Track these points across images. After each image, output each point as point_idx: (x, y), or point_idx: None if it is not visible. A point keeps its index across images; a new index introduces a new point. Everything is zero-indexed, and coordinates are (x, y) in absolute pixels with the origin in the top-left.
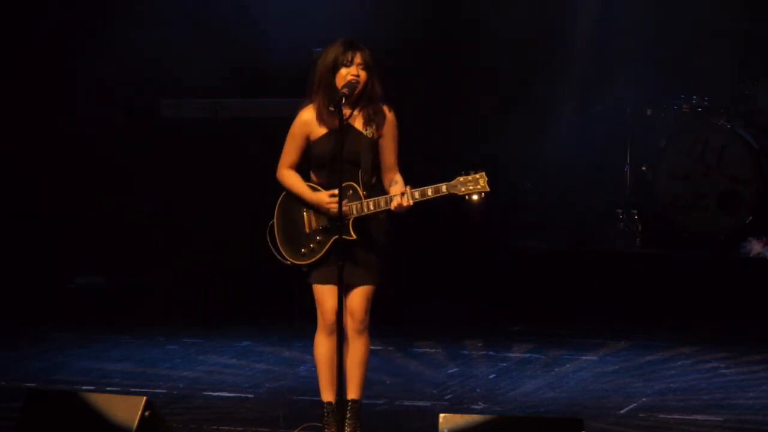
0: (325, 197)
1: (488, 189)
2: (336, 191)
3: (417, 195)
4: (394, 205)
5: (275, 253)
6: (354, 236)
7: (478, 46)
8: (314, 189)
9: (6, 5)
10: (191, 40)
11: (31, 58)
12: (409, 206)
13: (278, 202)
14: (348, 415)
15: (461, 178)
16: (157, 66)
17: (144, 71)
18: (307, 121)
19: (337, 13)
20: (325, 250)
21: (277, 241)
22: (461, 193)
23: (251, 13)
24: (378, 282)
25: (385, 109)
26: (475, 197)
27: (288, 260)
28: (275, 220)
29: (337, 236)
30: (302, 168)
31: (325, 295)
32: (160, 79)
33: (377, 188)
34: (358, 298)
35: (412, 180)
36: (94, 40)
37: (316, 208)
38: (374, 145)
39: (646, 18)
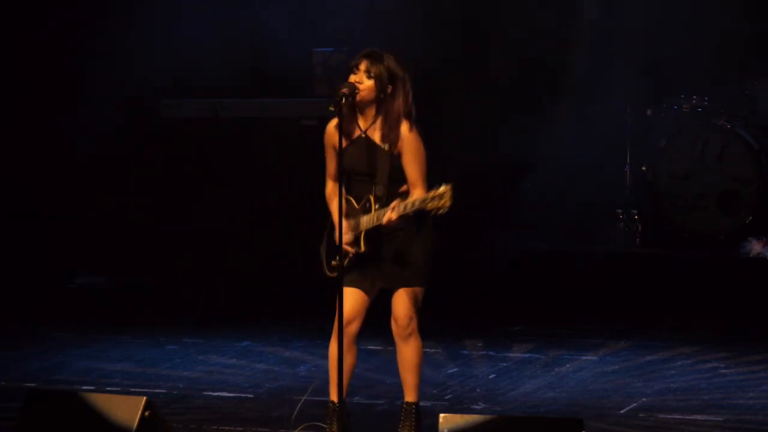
0: (345, 229)
1: (449, 204)
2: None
3: (401, 208)
4: (384, 220)
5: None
6: (363, 249)
7: (478, 47)
8: (349, 201)
9: (6, 5)
10: (191, 40)
11: (31, 58)
12: (395, 219)
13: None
14: (403, 418)
15: (430, 193)
16: (157, 66)
17: (144, 71)
18: (331, 132)
19: (338, 13)
20: (346, 261)
21: (323, 254)
22: (428, 209)
23: (252, 13)
24: (419, 284)
25: (404, 126)
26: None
27: (326, 273)
28: (326, 232)
29: (356, 251)
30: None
31: (346, 296)
32: (160, 79)
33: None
34: (398, 302)
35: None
36: (94, 40)
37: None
38: (393, 159)
39: (646, 18)
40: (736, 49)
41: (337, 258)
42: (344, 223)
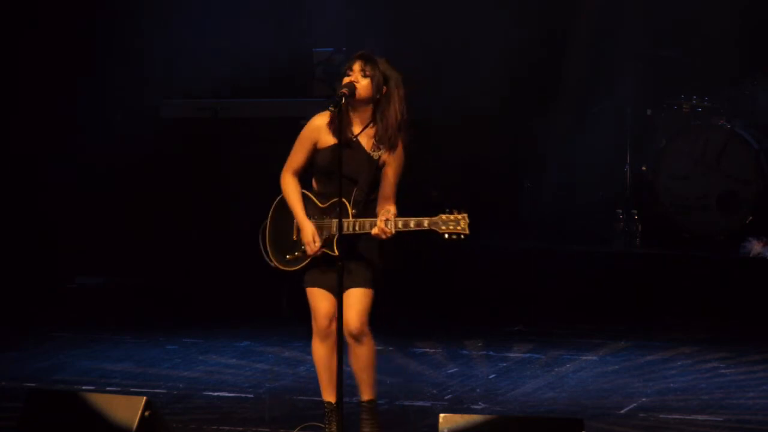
0: (309, 237)
1: (468, 232)
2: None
3: (400, 225)
4: (375, 231)
5: (263, 253)
6: (336, 253)
7: (478, 45)
8: (309, 199)
9: (7, 5)
10: (191, 40)
11: (31, 59)
12: (390, 234)
13: (274, 203)
14: (365, 416)
15: (444, 216)
16: (157, 66)
17: (144, 71)
18: (318, 127)
19: (338, 13)
20: (308, 260)
21: (267, 242)
22: (441, 231)
23: (252, 13)
24: (369, 286)
25: (399, 141)
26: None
27: (273, 263)
28: (269, 220)
29: (327, 253)
30: (306, 172)
31: (316, 299)
32: (160, 79)
33: (372, 209)
34: (351, 303)
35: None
36: (94, 41)
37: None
38: (379, 168)
39: (646, 18)
40: (736, 49)
41: (295, 253)
42: (306, 222)
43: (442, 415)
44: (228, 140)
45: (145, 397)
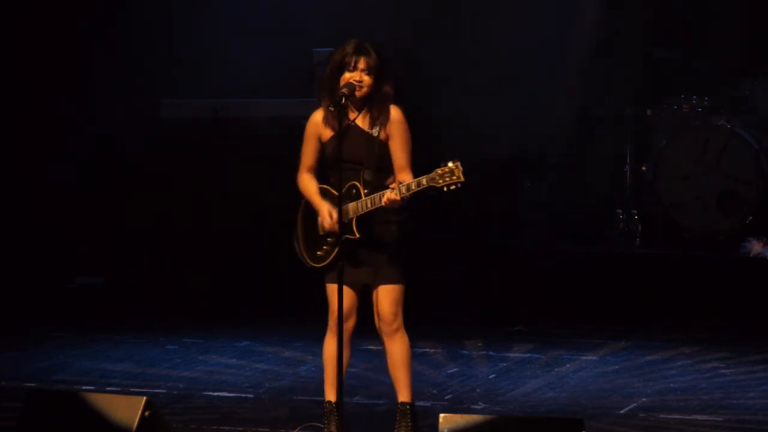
0: (325, 213)
1: (463, 179)
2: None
3: (404, 189)
4: (384, 200)
5: (300, 258)
6: (357, 235)
7: (477, 43)
8: (327, 191)
9: (7, 5)
10: (191, 40)
11: (31, 59)
12: (397, 201)
13: (300, 206)
14: (399, 419)
15: (439, 171)
16: (157, 66)
17: (144, 71)
18: (318, 122)
19: (338, 13)
20: (335, 251)
21: (301, 246)
22: (440, 185)
23: (251, 13)
24: (398, 282)
25: (392, 109)
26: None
27: (309, 264)
28: (298, 224)
29: (343, 237)
30: (322, 168)
31: (335, 294)
32: (160, 79)
33: (387, 187)
34: (382, 299)
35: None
36: (94, 40)
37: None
38: (381, 144)
39: (646, 18)
40: (736, 49)
41: (324, 247)
42: (321, 203)
43: (442, 415)
44: (228, 140)
45: (145, 397)
